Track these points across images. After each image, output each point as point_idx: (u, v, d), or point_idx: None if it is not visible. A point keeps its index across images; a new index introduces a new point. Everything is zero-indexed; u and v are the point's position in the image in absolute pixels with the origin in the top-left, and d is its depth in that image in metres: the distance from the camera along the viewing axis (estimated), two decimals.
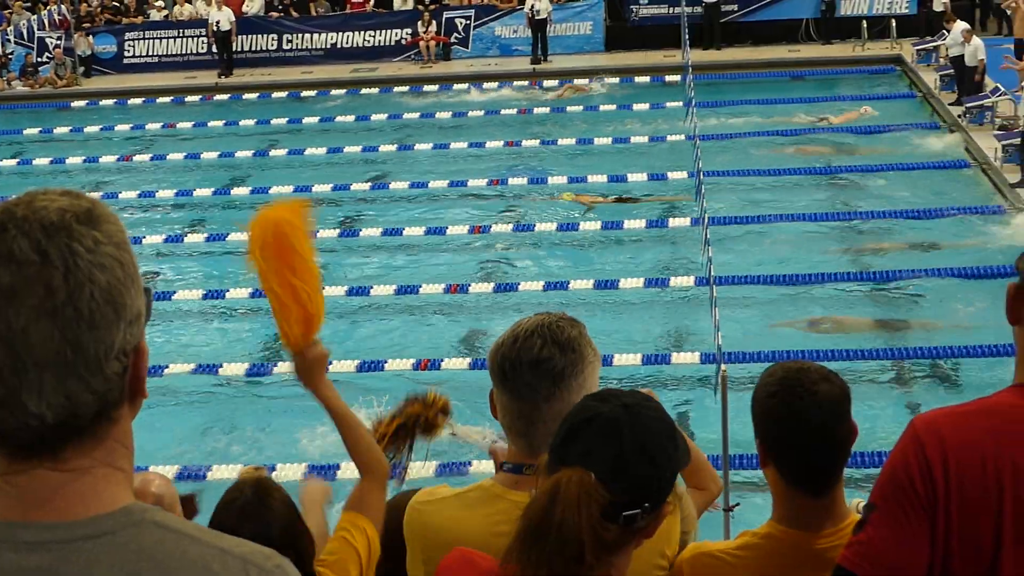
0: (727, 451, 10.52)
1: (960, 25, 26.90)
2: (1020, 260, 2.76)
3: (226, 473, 12.82)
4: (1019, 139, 22.33)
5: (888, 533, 2.71)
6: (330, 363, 13.34)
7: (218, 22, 33.57)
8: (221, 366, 16.60)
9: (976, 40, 26.34)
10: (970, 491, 2.65)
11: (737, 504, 9.46)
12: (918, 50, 30.51)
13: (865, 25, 32.14)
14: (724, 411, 10.48)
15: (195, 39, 34.86)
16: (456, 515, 3.24)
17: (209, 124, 29.48)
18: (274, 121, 29.39)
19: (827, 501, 3.35)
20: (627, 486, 2.58)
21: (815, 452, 3.31)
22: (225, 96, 32.53)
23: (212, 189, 24.41)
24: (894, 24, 32.08)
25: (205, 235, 21.87)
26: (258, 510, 3.87)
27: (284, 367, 16.61)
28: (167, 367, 16.11)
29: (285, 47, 34.76)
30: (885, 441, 13.60)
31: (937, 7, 31.64)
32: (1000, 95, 25.27)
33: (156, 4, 35.99)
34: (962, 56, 26.51)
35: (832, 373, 3.38)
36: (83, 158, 27.28)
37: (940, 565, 2.71)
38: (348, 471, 9.61)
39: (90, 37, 34.88)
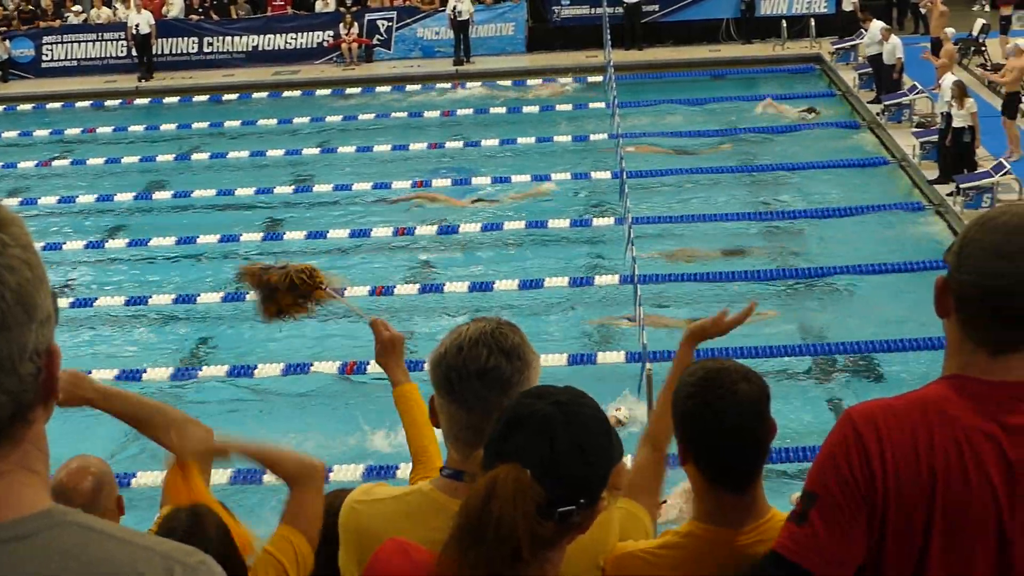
0: None
1: (877, 24, 27.19)
2: (947, 254, 2.79)
3: (151, 479, 12.70)
4: (936, 136, 22.61)
5: (834, 527, 2.72)
6: (254, 367, 13.22)
7: (137, 25, 33.24)
8: (144, 371, 16.46)
9: (894, 38, 26.65)
10: (905, 483, 2.67)
11: (664, 501, 9.51)
12: (836, 49, 30.82)
13: (785, 25, 32.42)
14: (649, 409, 10.54)
15: (114, 43, 34.50)
16: (396, 523, 3.19)
17: (129, 128, 29.16)
18: (195, 125, 29.15)
19: (748, 498, 3.37)
20: (562, 483, 2.59)
21: (734, 452, 3.34)
22: (145, 100, 32.24)
23: (133, 194, 24.19)
24: (813, 23, 32.38)
25: (126, 240, 21.67)
26: (195, 535, 3.87)
27: (209, 371, 16.52)
28: (88, 374, 15.91)
29: (206, 50, 34.49)
30: (808, 437, 13.75)
31: (847, 6, 32.04)
32: (918, 93, 25.59)
33: (73, 8, 35.59)
34: (880, 55, 26.81)
35: (751, 372, 3.40)
36: (1, 164, 26.92)
37: (874, 557, 2.72)
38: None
39: (7, 41, 34.44)
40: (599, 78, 29.63)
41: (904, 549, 2.69)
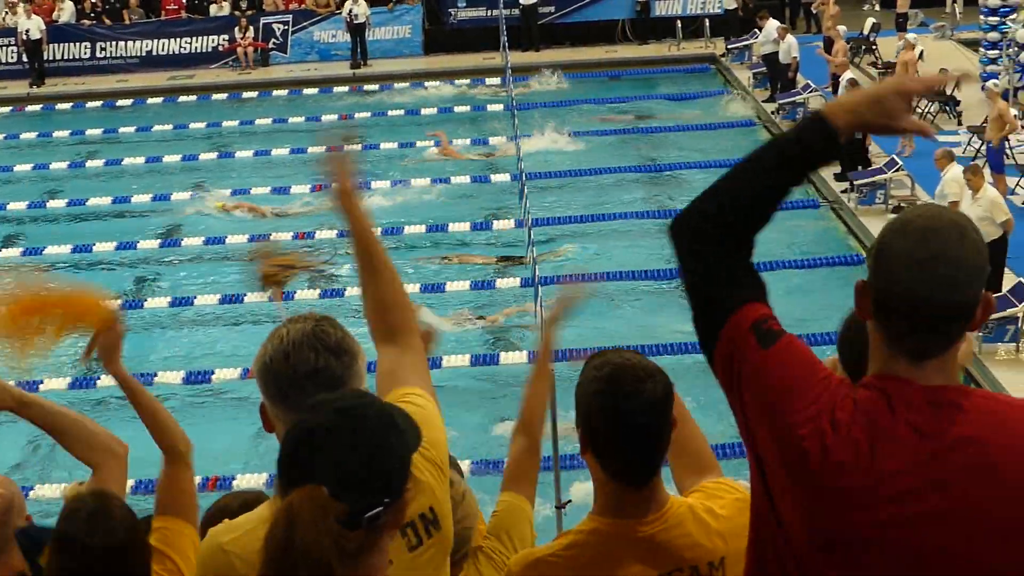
0: (557, 450, 10.60)
1: (773, 23, 27.48)
2: (869, 256, 2.81)
3: (48, 492, 12.53)
4: None
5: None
6: (154, 374, 13.06)
7: (28, 31, 32.70)
8: (42, 382, 16.20)
9: (790, 38, 26.94)
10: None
11: (569, 501, 9.53)
12: (729, 49, 31.14)
13: (680, 25, 32.70)
14: (553, 410, 10.55)
15: (4, 48, 33.92)
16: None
17: (22, 136, 28.70)
18: (89, 131, 28.76)
19: (648, 491, 3.40)
20: (361, 490, 2.56)
21: (637, 450, 3.36)
22: (38, 107, 31.74)
23: (27, 202, 23.79)
24: (708, 24, 32.70)
25: (20, 250, 21.31)
26: (103, 516, 3.81)
27: (106, 380, 16.30)
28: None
29: (99, 55, 34.03)
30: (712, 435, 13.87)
31: (729, 5, 32.43)
32: (811, 91, 25.93)
33: None
34: (775, 54, 27.13)
35: (657, 369, 3.42)
36: None
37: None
38: None
39: None
40: (497, 80, 29.68)
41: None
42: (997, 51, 25.54)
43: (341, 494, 2.52)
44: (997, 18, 25.69)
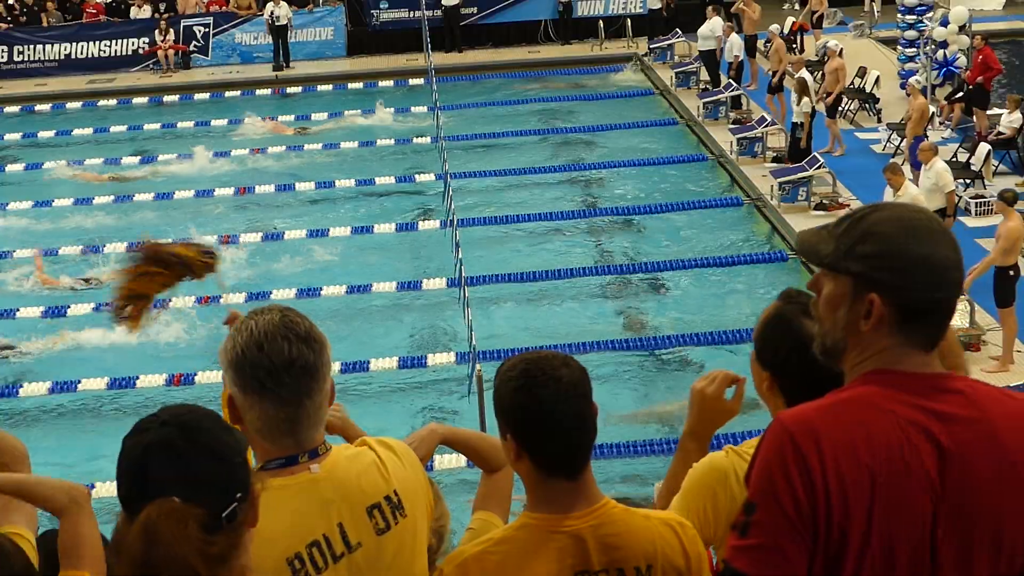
0: None
1: (718, 20, 27.51)
2: (883, 269, 2.83)
3: None
4: (750, 132, 23.21)
5: (775, 538, 2.71)
6: (77, 381, 12.84)
7: None
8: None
9: (734, 36, 27.04)
10: (849, 487, 2.68)
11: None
12: (652, 48, 31.28)
13: (602, 25, 32.85)
14: (481, 409, 10.60)
15: None
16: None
17: None
18: (8, 136, 28.41)
19: (580, 483, 3.42)
20: (212, 492, 2.58)
21: (569, 436, 3.37)
22: None
23: None
24: (629, 23, 32.87)
25: None
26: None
27: (32, 388, 16.12)
28: None
29: (16, 59, 33.60)
30: (629, 433, 13.98)
31: (653, 4, 32.62)
32: (733, 90, 26.14)
33: None
34: (713, 51, 27.26)
35: (569, 357, 3.44)
36: None
37: (818, 558, 2.73)
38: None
39: None
40: (420, 81, 29.66)
41: (846, 549, 2.72)
42: (915, 49, 25.86)
43: (194, 500, 2.53)
44: (915, 16, 26.00)
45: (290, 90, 31.36)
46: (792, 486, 2.70)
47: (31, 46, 33.62)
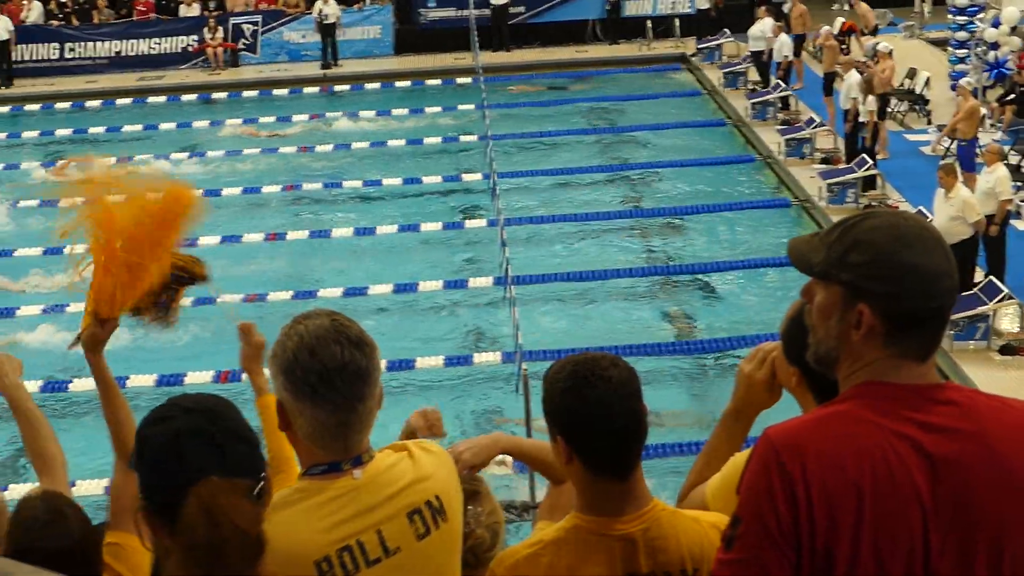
0: None
1: (769, 20, 27.46)
2: (872, 278, 2.81)
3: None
4: (798, 133, 23.11)
5: (758, 553, 2.71)
6: (126, 378, 12.91)
7: None
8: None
9: (783, 36, 26.96)
10: (834, 502, 2.67)
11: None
12: (700, 48, 31.23)
13: (650, 25, 32.79)
14: (527, 409, 10.60)
15: None
16: (280, 524, 3.10)
17: None
18: (59, 132, 28.65)
19: (630, 484, 3.42)
20: (245, 472, 2.69)
21: (619, 436, 3.38)
22: (6, 108, 31.57)
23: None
24: (677, 23, 32.80)
25: None
26: (55, 522, 3.78)
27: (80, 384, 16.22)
28: None
29: (68, 56, 33.89)
30: (676, 433, 13.95)
31: (701, 4, 32.56)
32: (782, 91, 26.04)
33: None
34: (762, 52, 27.19)
35: (617, 357, 3.45)
36: None
37: (803, 572, 2.73)
38: None
39: None
40: (468, 80, 29.70)
41: (833, 565, 2.71)
42: (965, 50, 25.68)
43: (231, 478, 2.64)
44: (965, 17, 25.82)
45: (338, 88, 31.45)
46: (775, 501, 2.70)
47: (83, 43, 33.90)
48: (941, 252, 2.79)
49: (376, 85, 31.35)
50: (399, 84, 31.31)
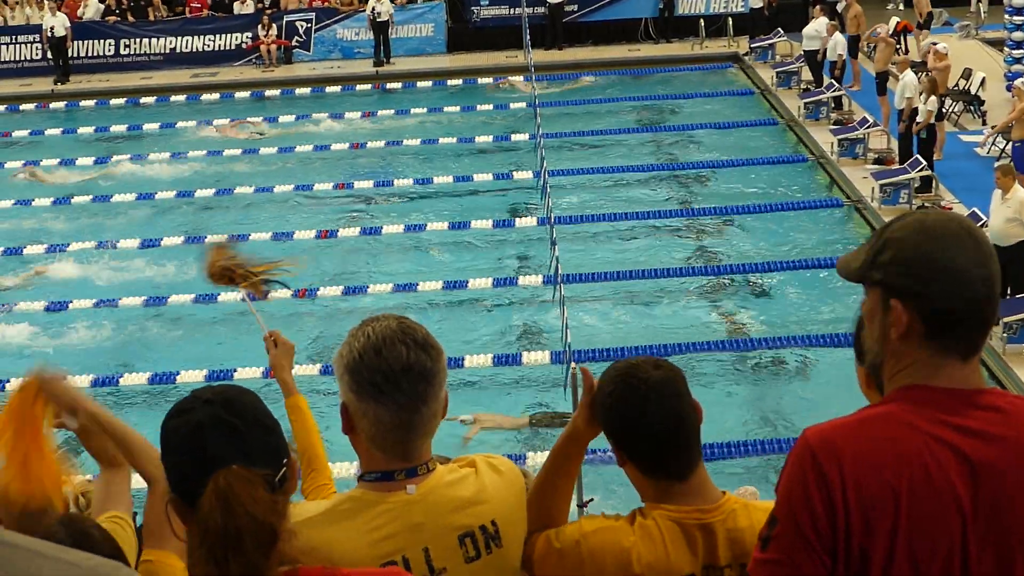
0: None
1: (823, 20, 27.33)
2: (907, 276, 2.79)
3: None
4: (851, 133, 22.96)
5: (793, 554, 2.71)
6: (177, 373, 13.01)
7: (52, 28, 32.84)
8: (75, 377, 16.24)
9: (838, 35, 26.83)
10: (869, 505, 2.66)
11: (591, 499, 9.55)
12: (753, 47, 31.11)
13: (703, 24, 32.68)
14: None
15: (29, 45, 34.08)
16: (327, 534, 3.17)
17: (46, 132, 28.83)
18: (113, 128, 28.89)
19: (693, 484, 3.43)
20: (266, 461, 2.70)
21: (659, 438, 3.39)
22: (62, 103, 31.86)
23: (51, 198, 23.91)
24: (731, 22, 32.67)
25: (45, 246, 21.35)
26: (81, 544, 3.76)
27: (131, 379, 16.36)
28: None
29: (123, 52, 34.15)
30: (732, 433, 13.90)
31: (754, 3, 32.42)
32: (835, 91, 25.89)
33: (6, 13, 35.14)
34: (816, 51, 27.04)
35: (662, 360, 3.48)
36: None
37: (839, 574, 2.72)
38: None
39: None
40: (520, 78, 29.70)
41: (868, 568, 2.70)
42: (1022, 50, 25.44)
43: (251, 467, 2.66)
44: (1022, 17, 25.59)
45: (390, 86, 31.54)
46: (811, 503, 2.70)
47: (137, 40, 34.15)
48: (972, 244, 2.76)
49: (428, 83, 31.41)
50: (451, 82, 31.36)
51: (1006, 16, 26.25)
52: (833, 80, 26.30)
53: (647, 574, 3.37)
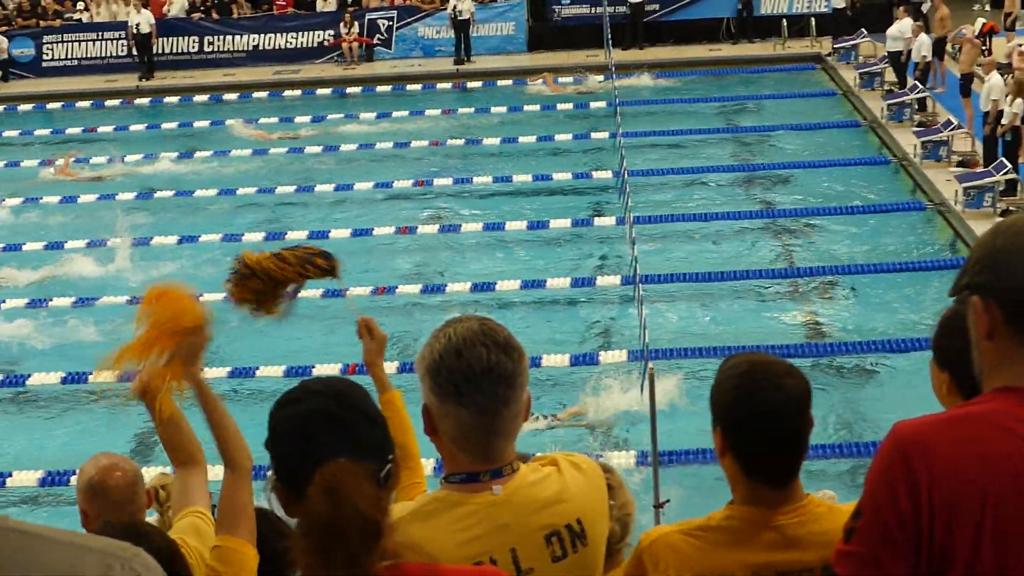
0: (656, 447, 10.58)
1: (908, 21, 27.05)
2: (973, 275, 2.77)
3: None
4: (935, 135, 22.70)
5: (875, 548, 2.69)
6: (255, 368, 13.15)
7: (138, 24, 33.23)
8: None
9: (923, 36, 26.56)
10: (955, 503, 2.63)
11: (667, 501, 9.52)
12: (836, 48, 30.86)
13: (785, 24, 32.45)
14: (652, 409, 10.53)
15: (115, 42, 34.49)
16: (416, 533, 3.10)
17: (130, 128, 29.17)
18: (196, 124, 29.19)
19: (786, 493, 3.42)
20: (371, 453, 2.74)
21: (777, 445, 3.37)
22: (146, 100, 32.23)
23: (134, 193, 24.18)
24: (813, 22, 32.42)
25: (130, 240, 21.59)
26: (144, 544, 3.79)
27: (209, 372, 16.48)
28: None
29: (206, 49, 34.49)
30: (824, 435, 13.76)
31: (837, 3, 32.14)
32: (919, 92, 25.61)
33: (78, 7, 35.58)
34: (900, 52, 26.77)
35: (795, 368, 3.42)
36: (3, 163, 26.94)
37: (922, 572, 2.70)
38: None
39: (3, 40, 34.33)
40: (600, 77, 29.65)
41: (950, 568, 2.67)
42: None
43: (361, 461, 2.66)
44: None
45: (470, 84, 31.60)
46: (897, 500, 2.67)
47: (221, 37, 34.48)
48: None
49: (508, 81, 31.43)
50: (530, 81, 31.36)
51: None
52: (917, 82, 26.02)
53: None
